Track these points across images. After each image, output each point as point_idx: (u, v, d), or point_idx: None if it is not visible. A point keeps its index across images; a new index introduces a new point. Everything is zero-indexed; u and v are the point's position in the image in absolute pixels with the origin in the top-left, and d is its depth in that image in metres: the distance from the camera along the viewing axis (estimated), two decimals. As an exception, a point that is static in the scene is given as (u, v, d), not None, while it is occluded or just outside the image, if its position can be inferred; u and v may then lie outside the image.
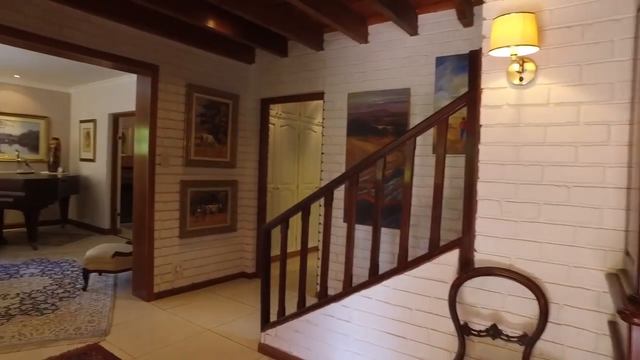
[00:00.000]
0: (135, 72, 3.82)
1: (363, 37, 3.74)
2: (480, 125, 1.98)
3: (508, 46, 1.65)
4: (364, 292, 2.42)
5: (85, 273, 4.08)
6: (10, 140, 6.91)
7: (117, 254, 4.12)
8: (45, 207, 5.84)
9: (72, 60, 3.50)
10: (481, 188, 1.97)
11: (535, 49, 1.69)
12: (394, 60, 3.62)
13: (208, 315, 3.61)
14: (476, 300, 1.97)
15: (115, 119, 6.78)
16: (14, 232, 6.42)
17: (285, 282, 2.93)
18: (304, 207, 2.80)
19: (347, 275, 2.56)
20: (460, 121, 3.23)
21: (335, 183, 2.65)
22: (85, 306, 3.65)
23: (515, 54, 1.69)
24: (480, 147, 1.98)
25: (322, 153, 4.16)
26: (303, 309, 2.75)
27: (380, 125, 3.69)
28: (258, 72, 4.74)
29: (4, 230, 6.00)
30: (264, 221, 4.85)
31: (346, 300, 2.50)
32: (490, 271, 1.86)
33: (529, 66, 1.77)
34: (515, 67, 1.79)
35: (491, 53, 1.80)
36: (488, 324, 1.91)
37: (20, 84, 6.91)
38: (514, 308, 1.85)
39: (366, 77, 3.79)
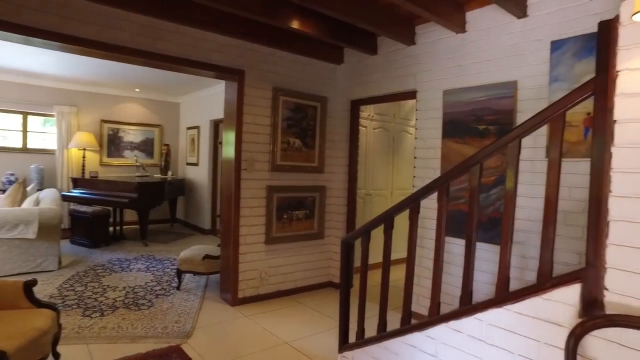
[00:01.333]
0: (222, 78, 3.88)
1: (460, 26, 3.29)
2: (615, 121, 1.48)
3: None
4: (453, 323, 2.03)
5: (179, 273, 4.27)
6: (131, 146, 7.75)
7: (206, 256, 4.24)
8: (154, 207, 6.37)
9: (164, 70, 3.68)
10: (615, 205, 1.47)
11: None
12: (497, 50, 3.10)
13: (289, 327, 3.48)
14: (609, 359, 1.46)
15: (216, 124, 7.16)
16: (133, 229, 7.13)
17: (365, 301, 2.64)
18: (385, 220, 2.49)
19: (434, 300, 2.19)
20: (584, 117, 2.61)
21: (422, 193, 2.29)
22: (176, 305, 3.79)
23: (675, 17, 1.19)
24: (614, 150, 1.48)
25: (415, 157, 3.78)
26: (383, 334, 2.44)
27: (480, 125, 3.20)
28: (347, 73, 4.52)
29: (124, 227, 6.73)
30: (354, 229, 4.61)
31: (431, 331, 2.13)
32: (632, 322, 1.36)
33: (697, 33, 1.24)
34: (673, 37, 1.27)
35: (636, 18, 1.30)
36: (625, 391, 1.40)
37: (140, 97, 7.72)
38: (669, 377, 1.32)
39: (464, 71, 3.33)
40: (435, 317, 2.13)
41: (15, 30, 2.77)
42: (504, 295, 1.84)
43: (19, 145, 6.71)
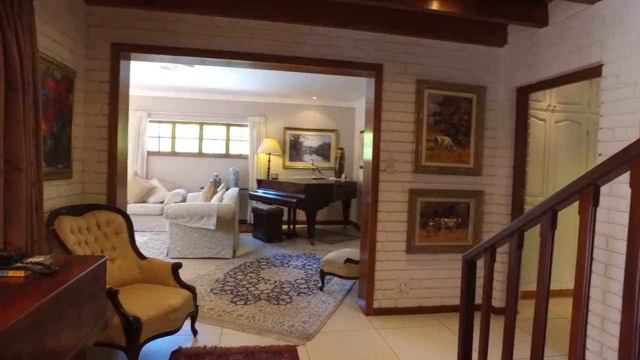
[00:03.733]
0: (358, 74, 3.73)
1: (670, -42, 2.24)
2: None
3: None
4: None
5: (322, 274, 4.31)
6: (310, 151, 8.40)
7: (348, 260, 4.14)
8: (321, 208, 6.69)
9: (297, 71, 3.76)
10: None
11: None
12: None
13: (419, 350, 3.04)
14: None
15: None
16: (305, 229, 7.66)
17: (487, 342, 2.04)
18: (511, 235, 1.87)
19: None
20: None
21: (559, 200, 1.61)
22: (312, 305, 3.82)
23: None
24: None
25: (599, 154, 2.79)
26: (504, 389, 1.82)
27: None
28: (511, 55, 3.72)
29: (297, 226, 7.31)
30: (522, 243, 3.76)
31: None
32: None
33: None
34: None
35: None
36: None
37: (316, 104, 8.30)
38: None
39: (678, 23, 2.24)
40: (568, 384, 1.44)
41: (177, 52, 3.29)
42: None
43: (223, 151, 8.13)
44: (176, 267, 3.04)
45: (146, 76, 6.33)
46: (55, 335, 1.58)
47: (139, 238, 6.30)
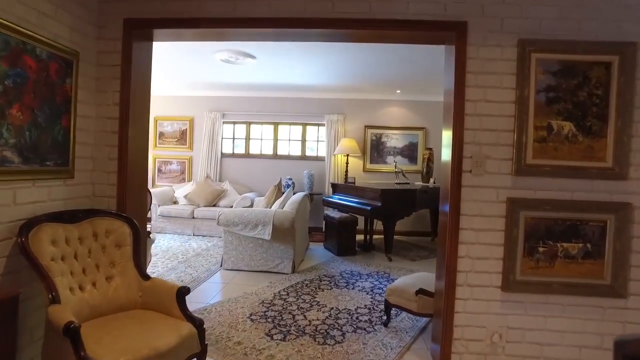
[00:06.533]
0: (432, 40, 2.73)
1: None
2: None
3: None
4: None
5: (387, 306, 3.34)
6: (394, 152, 7.38)
7: (420, 291, 3.13)
8: (400, 218, 5.64)
9: (346, 41, 2.91)
10: None
11: None
12: None
13: None
14: None
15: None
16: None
17: None
18: None
19: None
20: None
21: None
22: (367, 349, 2.89)
23: None
24: None
25: None
26: None
27: None
28: (683, -10, 2.37)
29: (375, 237, 6.34)
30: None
31: None
32: None
33: None
34: None
35: None
36: None
37: (401, 99, 7.24)
38: None
39: None
40: None
41: (198, 24, 2.69)
42: None
43: (299, 153, 7.53)
44: (182, 292, 2.38)
45: (213, 74, 6.02)
46: None
47: (203, 244, 5.98)
